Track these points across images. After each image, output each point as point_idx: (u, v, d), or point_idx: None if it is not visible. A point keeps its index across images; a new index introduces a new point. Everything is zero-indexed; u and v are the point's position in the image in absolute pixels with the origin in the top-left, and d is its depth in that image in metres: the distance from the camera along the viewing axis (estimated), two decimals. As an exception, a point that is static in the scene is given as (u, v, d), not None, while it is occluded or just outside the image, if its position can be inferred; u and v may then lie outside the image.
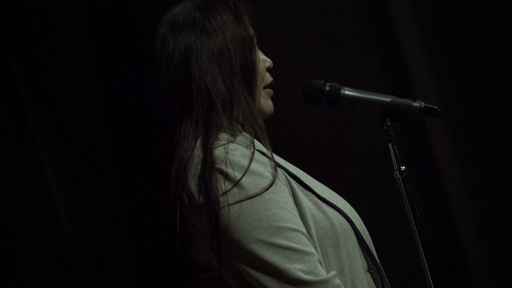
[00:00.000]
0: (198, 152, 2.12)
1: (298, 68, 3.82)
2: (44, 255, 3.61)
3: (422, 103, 2.31)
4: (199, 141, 2.14)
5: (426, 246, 2.24)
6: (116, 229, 3.71)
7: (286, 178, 2.18)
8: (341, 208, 2.21)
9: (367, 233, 2.25)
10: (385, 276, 2.24)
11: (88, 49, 3.75)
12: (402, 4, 3.88)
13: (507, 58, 3.86)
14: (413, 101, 2.31)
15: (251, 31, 2.29)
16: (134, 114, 3.62)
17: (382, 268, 2.24)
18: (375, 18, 3.91)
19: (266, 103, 2.31)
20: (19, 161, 3.63)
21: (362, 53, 3.89)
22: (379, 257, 2.26)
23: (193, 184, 2.11)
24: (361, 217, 2.28)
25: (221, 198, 2.07)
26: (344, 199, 2.29)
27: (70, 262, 3.65)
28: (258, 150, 2.16)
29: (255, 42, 2.30)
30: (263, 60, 2.31)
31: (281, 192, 2.12)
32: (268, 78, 2.33)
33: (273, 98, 2.34)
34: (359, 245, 2.21)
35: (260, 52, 2.32)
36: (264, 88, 2.31)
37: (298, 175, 2.22)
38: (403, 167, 2.27)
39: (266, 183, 2.10)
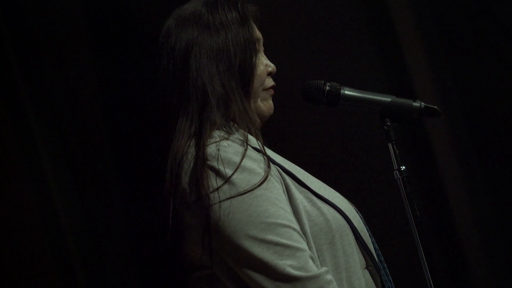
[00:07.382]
0: (191, 149, 2.14)
1: (298, 68, 3.82)
2: (44, 255, 3.62)
3: (422, 103, 2.31)
4: (193, 138, 2.15)
5: (426, 246, 2.24)
6: (116, 229, 3.71)
7: (281, 175, 2.18)
8: (338, 205, 2.21)
9: (365, 230, 2.24)
10: (387, 273, 2.23)
11: (88, 49, 3.75)
12: (402, 4, 3.89)
13: (507, 58, 3.86)
14: (413, 101, 2.31)
15: (256, 35, 2.30)
16: (134, 114, 3.62)
17: (382, 266, 2.23)
18: (375, 18, 3.91)
19: (265, 103, 2.31)
20: (19, 161, 3.63)
21: (362, 53, 3.89)
22: (382, 255, 2.25)
23: (185, 181, 2.12)
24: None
25: (212, 195, 2.08)
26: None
27: (70, 262, 3.65)
28: (252, 147, 2.16)
29: (258, 46, 2.30)
30: (266, 65, 2.32)
31: (273, 188, 2.12)
32: (269, 82, 2.33)
33: (273, 99, 2.34)
34: (357, 242, 2.21)
35: (265, 57, 2.33)
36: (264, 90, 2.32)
37: (294, 172, 2.22)
38: (403, 167, 2.27)
39: (257, 179, 2.10)
